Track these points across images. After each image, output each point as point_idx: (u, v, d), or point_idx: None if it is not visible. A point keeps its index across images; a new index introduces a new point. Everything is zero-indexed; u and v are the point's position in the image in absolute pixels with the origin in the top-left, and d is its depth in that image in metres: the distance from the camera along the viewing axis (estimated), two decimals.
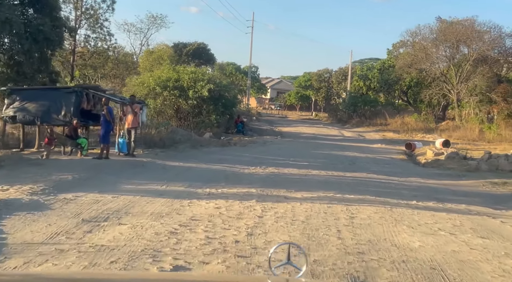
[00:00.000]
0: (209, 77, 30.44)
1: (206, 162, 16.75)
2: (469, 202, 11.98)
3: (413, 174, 18.68)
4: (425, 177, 17.45)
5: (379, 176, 16.69)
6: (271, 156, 21.23)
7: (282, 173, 15.46)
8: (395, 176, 16.98)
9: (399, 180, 15.84)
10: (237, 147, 24.98)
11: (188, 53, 39.18)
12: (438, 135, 36.81)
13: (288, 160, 20.13)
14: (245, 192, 10.80)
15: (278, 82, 72.89)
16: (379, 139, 34.72)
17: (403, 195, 12.38)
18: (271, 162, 18.80)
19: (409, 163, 23.58)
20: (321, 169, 17.19)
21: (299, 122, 46.24)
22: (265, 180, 13.28)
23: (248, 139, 28.73)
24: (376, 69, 46.42)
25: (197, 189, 10.84)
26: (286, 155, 22.16)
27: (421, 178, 16.97)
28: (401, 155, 26.72)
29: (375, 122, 42.32)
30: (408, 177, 17.04)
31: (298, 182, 13.29)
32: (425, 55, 41.94)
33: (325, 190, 11.90)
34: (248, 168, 16.30)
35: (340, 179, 14.65)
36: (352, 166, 19.40)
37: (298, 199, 10.17)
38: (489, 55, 41.31)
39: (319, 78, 52.43)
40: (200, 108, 30.69)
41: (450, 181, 16.97)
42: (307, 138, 32.38)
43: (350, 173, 16.75)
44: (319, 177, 14.95)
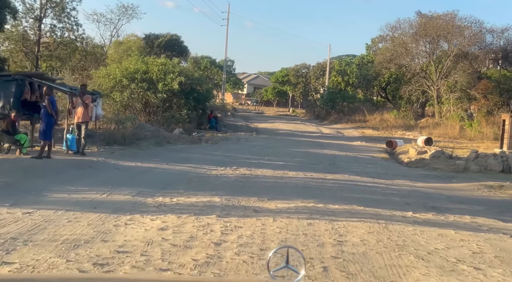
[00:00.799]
0: (180, 69, 28.11)
1: (170, 162, 14.50)
2: (471, 212, 10.00)
3: (399, 175, 16.72)
4: (412, 179, 15.50)
5: (363, 178, 14.67)
6: (244, 154, 19.08)
7: (255, 175, 13.31)
8: (380, 178, 14.99)
9: (385, 184, 13.82)
10: (208, 144, 22.74)
11: (160, 45, 36.73)
12: (418, 133, 35.17)
13: (262, 159, 18.00)
14: (206, 202, 8.61)
15: (255, 77, 70.62)
16: (359, 136, 32.84)
17: (394, 203, 10.34)
18: (244, 161, 16.64)
19: (392, 163, 21.67)
20: (299, 170, 15.10)
21: (276, 118, 44.15)
22: (233, 185, 11.11)
23: (221, 136, 26.52)
24: (354, 65, 44.55)
25: (147, 198, 8.61)
26: (261, 153, 20.03)
27: (408, 181, 15.01)
28: (382, 153, 24.83)
29: (353, 119, 40.46)
30: (394, 179, 15.06)
31: (273, 187, 11.16)
32: (405, 50, 40.21)
33: (304, 198, 9.79)
34: (217, 168, 14.11)
35: (321, 183, 12.56)
36: (333, 166, 17.35)
37: (271, 212, 8.02)
38: (469, 51, 39.79)
39: (296, 73, 50.33)
40: (170, 102, 28.36)
41: (440, 183, 15.05)
42: (284, 135, 30.31)
43: (331, 174, 14.69)
44: (297, 180, 12.83)
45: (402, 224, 7.90)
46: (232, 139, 25.37)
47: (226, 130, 30.70)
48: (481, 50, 40.03)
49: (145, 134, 22.81)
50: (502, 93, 38.72)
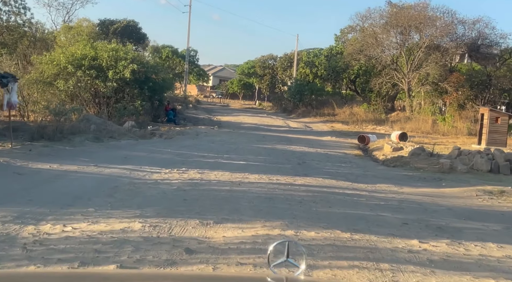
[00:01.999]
0: (133, 56, 24.78)
1: (101, 163, 11.34)
2: (490, 234, 7.28)
3: (380, 177, 13.99)
4: (396, 182, 12.78)
5: (339, 182, 11.84)
6: (201, 151, 16.04)
7: (206, 180, 10.30)
8: (359, 182, 12.21)
9: (367, 190, 11.01)
10: (161, 139, 19.61)
11: (116, 32, 33.20)
12: (390, 127, 32.76)
13: (220, 157, 15.02)
14: (119, 231, 5.58)
15: (221, 69, 67.24)
16: (328, 131, 30.15)
17: (388, 222, 7.51)
18: (198, 160, 13.62)
19: (367, 161, 19.00)
20: (263, 172, 12.18)
21: (241, 111, 41.09)
22: (173, 197, 8.09)
23: (179, 130, 23.39)
24: (323, 56, 41.82)
25: (26, 227, 5.51)
26: (220, 150, 17.04)
27: (393, 185, 12.27)
28: (355, 149, 22.17)
29: (322, 112, 37.76)
30: (376, 183, 12.30)
31: (226, 200, 8.17)
32: (375, 41, 37.68)
33: (267, 218, 6.87)
34: (161, 171, 11.05)
35: (289, 191, 9.64)
36: (303, 167, 14.49)
37: (214, 253, 5.04)
38: (441, 42, 37.59)
39: (262, 65, 47.29)
40: (122, 92, 25.03)
41: (429, 188, 12.36)
42: (249, 129, 27.34)
43: (302, 178, 11.80)
44: (259, 187, 9.88)
45: (415, 267, 5.03)
46: (190, 134, 22.26)
47: (185, 123, 27.54)
48: (453, 42, 37.85)
49: (89, 128, 19.60)
50: (473, 86, 36.68)
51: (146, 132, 21.20)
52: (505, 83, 36.56)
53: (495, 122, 24.87)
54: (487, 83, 36.70)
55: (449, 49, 38.13)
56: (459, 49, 38.52)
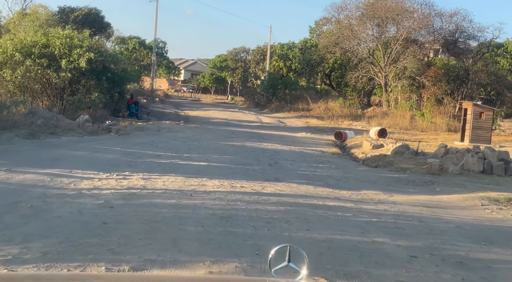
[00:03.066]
0: (90, 43, 22.07)
1: (21, 165, 8.83)
2: None
3: (363, 180, 11.79)
4: (384, 188, 10.60)
5: (317, 189, 9.56)
6: (157, 150, 13.61)
7: (150, 189, 7.89)
8: (341, 188, 9.98)
9: (353, 200, 8.76)
10: (115, 135, 17.08)
11: (76, 20, 30.33)
12: (367, 123, 30.80)
13: (178, 157, 12.63)
14: None
15: (193, 63, 64.40)
16: (303, 127, 27.93)
17: (391, 256, 5.25)
18: (149, 162, 11.20)
19: (347, 160, 16.82)
20: (225, 176, 9.84)
21: (212, 105, 38.56)
22: (87, 220, 5.65)
23: (139, 125, 20.85)
24: (297, 49, 39.55)
25: None
26: (180, 148, 14.63)
27: (380, 191, 10.09)
28: (332, 147, 19.99)
29: (296, 107, 35.50)
30: (360, 189, 10.11)
31: (163, 223, 5.78)
32: (351, 33, 35.60)
33: (216, 257, 4.52)
34: (95, 176, 8.60)
35: (255, 206, 7.29)
36: (274, 168, 12.20)
37: None
38: (418, 35, 35.80)
39: (234, 57, 44.73)
40: (78, 83, 22.33)
41: (423, 195, 10.22)
42: (218, 125, 24.93)
43: (273, 184, 9.49)
44: (216, 199, 7.52)
45: None
46: (150, 129, 19.75)
47: (149, 118, 24.98)
48: (430, 35, 36.06)
49: (34, 122, 17.01)
50: (450, 81, 34.97)
51: (100, 127, 18.60)
52: (482, 77, 34.90)
53: (479, 117, 23.01)
54: (465, 77, 35.02)
55: (426, 43, 36.38)
56: (436, 42, 36.77)
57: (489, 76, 35.11)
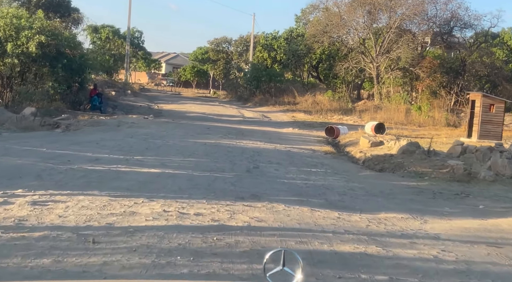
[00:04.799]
0: (41, 25, 18.32)
1: None
2: None
3: (374, 193, 8.40)
4: (407, 206, 7.27)
5: (315, 213, 6.13)
6: (100, 151, 10.07)
7: (26, 227, 4.33)
8: (348, 209, 6.61)
9: (374, 236, 5.29)
10: (59, 132, 13.49)
11: (38, 4, 26.51)
12: (358, 117, 27.50)
13: (125, 161, 9.11)
14: None
15: (175, 56, 60.43)
16: (289, 122, 24.50)
17: None
18: (75, 169, 7.68)
19: (344, 161, 13.41)
20: (177, 194, 6.38)
21: (192, 99, 34.86)
22: None
23: (95, 120, 17.21)
24: (282, 39, 36.02)
25: None
26: (135, 148, 11.11)
27: (405, 212, 6.72)
28: (323, 145, 16.62)
29: (282, 101, 32.00)
30: (377, 209, 6.72)
31: None
32: (340, 21, 32.16)
33: None
34: None
35: (211, 264, 3.75)
36: (253, 177, 8.74)
37: None
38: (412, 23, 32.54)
39: (216, 48, 40.94)
40: (28, 71, 18.62)
41: (469, 218, 6.89)
42: (193, 119, 21.35)
43: (247, 206, 6.04)
44: (139, 250, 3.97)
45: None
46: (109, 124, 16.13)
47: (114, 111, 21.30)
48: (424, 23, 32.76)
49: None
50: (446, 72, 31.71)
51: (45, 122, 14.95)
52: (479, 69, 31.68)
53: (488, 110, 19.73)
54: (461, 69, 31.78)
55: (420, 32, 33.11)
56: (430, 31, 33.51)
57: (486, 67, 31.93)
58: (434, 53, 34.93)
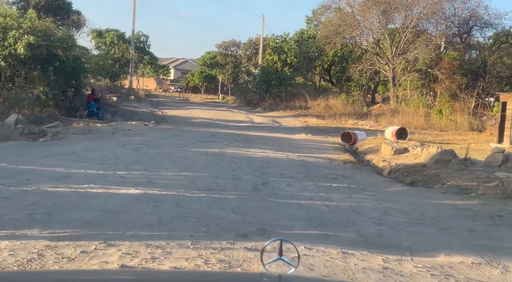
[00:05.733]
0: (32, 25, 16.57)
1: None
2: None
3: (418, 219, 6.40)
4: (470, 242, 5.28)
5: (348, 256, 4.21)
6: (77, 165, 8.18)
7: None
8: (395, 250, 4.56)
9: None
10: (39, 142, 11.63)
11: (38, 7, 24.90)
12: (374, 122, 25.46)
13: (104, 178, 7.21)
14: None
15: (183, 62, 58.72)
16: (301, 127, 22.51)
17: None
18: (29, 192, 5.75)
19: (368, 172, 11.34)
20: (154, 231, 4.40)
21: (199, 105, 33.04)
22: None
23: (88, 127, 15.31)
24: (293, 41, 34.08)
25: None
26: (121, 161, 9.20)
27: (474, 254, 4.64)
28: (341, 152, 14.61)
29: (293, 105, 30.04)
30: (434, 250, 4.66)
31: None
32: (354, 21, 30.15)
33: None
34: None
35: None
36: (262, 196, 6.78)
37: None
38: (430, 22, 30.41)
39: (224, 52, 39.04)
40: (17, 75, 16.86)
41: None
42: (198, 125, 19.46)
43: (254, 242, 4.08)
44: None
45: None
46: (101, 132, 14.26)
47: (113, 118, 19.46)
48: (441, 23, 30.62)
49: None
50: (466, 74, 29.50)
51: (29, 130, 13.12)
52: (501, 70, 29.43)
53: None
54: (481, 70, 29.55)
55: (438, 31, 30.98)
56: (448, 31, 31.36)
57: (507, 68, 29.69)
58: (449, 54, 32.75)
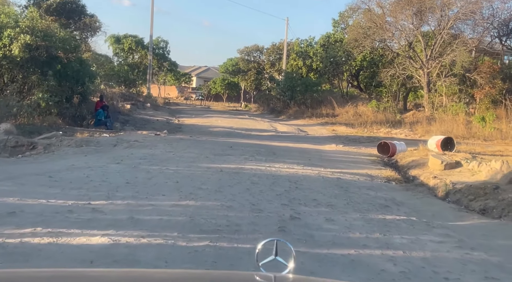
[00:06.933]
0: (29, 24, 14.61)
1: None
2: None
3: None
4: None
5: None
6: (42, 192, 5.92)
7: None
8: None
9: None
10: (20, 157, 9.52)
11: (50, 9, 23.17)
12: (409, 130, 22.92)
13: (74, 211, 4.87)
14: None
15: (205, 70, 56.82)
16: (330, 137, 20.05)
17: None
18: None
19: (424, 196, 8.78)
20: None
21: (219, 113, 30.88)
22: None
23: (92, 138, 13.18)
24: (319, 45, 31.69)
25: None
26: (107, 183, 6.94)
27: None
28: (381, 167, 12.21)
29: (319, 113, 27.59)
30: None
31: None
32: (384, 23, 27.61)
33: None
34: None
35: None
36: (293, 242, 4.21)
37: None
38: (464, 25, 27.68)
39: (246, 57, 36.82)
40: (11, 79, 14.89)
41: None
42: (216, 135, 17.20)
43: None
44: None
45: None
46: (103, 144, 12.09)
47: (123, 127, 17.36)
48: (479, 25, 27.86)
49: None
50: (506, 78, 26.67)
51: (16, 142, 11.01)
52: None
53: None
54: None
55: (476, 33, 28.22)
56: (487, 33, 28.58)
57: None
58: (481, 58, 29.89)
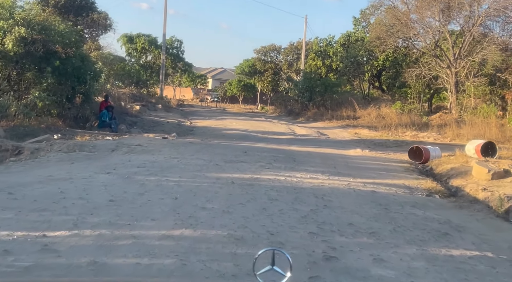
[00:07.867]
0: (26, 15, 13.17)
1: None
2: None
3: None
4: None
5: None
6: None
7: None
8: None
9: None
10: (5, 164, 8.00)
11: (57, 6, 21.82)
12: (437, 133, 21.06)
13: (21, 245, 3.13)
14: None
15: (222, 71, 55.35)
16: (353, 140, 18.25)
17: None
18: None
19: (485, 217, 6.96)
20: None
21: (235, 114, 29.27)
22: None
23: (89, 141, 11.63)
24: (339, 44, 29.88)
25: None
26: (83, 202, 5.23)
27: None
28: (417, 176, 10.44)
29: (339, 115, 25.80)
30: None
31: None
32: (409, 20, 25.71)
33: None
34: None
35: None
36: None
37: None
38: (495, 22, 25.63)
39: (263, 57, 35.14)
40: (5, 76, 13.44)
41: None
42: (230, 138, 15.55)
43: None
44: None
45: None
46: (99, 148, 10.53)
47: (130, 129, 15.83)
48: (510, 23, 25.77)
49: None
50: None
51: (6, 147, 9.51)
52: None
53: None
54: None
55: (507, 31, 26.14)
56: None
57: None
58: None
